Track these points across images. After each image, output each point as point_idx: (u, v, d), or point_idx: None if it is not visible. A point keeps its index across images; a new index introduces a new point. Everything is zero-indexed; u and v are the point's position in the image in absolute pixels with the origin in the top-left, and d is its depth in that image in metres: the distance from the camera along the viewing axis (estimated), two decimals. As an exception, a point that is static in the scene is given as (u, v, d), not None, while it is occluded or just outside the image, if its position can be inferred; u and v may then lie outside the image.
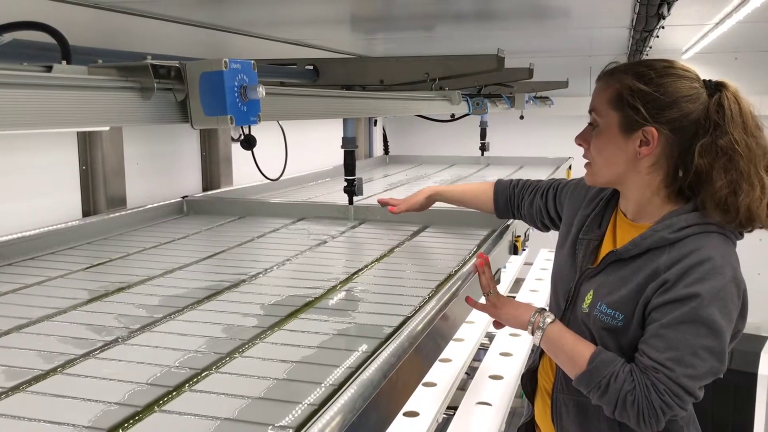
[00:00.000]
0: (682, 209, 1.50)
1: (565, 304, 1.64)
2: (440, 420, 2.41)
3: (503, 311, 1.67)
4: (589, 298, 1.56)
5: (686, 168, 1.48)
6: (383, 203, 2.45)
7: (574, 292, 1.62)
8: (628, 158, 1.51)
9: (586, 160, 1.61)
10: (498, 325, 1.75)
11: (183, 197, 2.93)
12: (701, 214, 1.46)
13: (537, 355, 1.79)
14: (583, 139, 1.60)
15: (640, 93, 1.47)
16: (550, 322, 1.56)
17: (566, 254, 1.70)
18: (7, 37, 1.25)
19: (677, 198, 1.52)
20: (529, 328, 1.59)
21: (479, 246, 2.18)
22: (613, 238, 1.63)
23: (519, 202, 2.06)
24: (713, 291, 1.39)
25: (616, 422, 1.50)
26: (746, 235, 1.52)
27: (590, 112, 1.57)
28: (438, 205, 3.06)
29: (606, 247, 1.62)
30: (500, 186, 2.13)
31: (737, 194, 1.42)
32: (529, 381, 1.81)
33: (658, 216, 1.53)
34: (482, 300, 1.74)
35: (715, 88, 1.51)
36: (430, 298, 1.67)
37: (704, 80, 1.53)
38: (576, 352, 1.50)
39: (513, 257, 2.80)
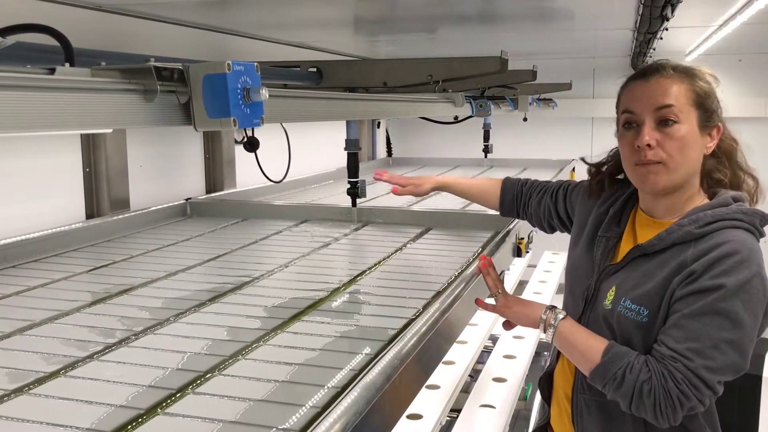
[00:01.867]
0: (707, 205, 1.51)
1: (584, 302, 1.63)
2: (444, 423, 2.41)
3: (513, 310, 1.67)
4: (611, 295, 1.55)
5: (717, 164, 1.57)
6: (382, 178, 2.21)
7: (595, 289, 1.61)
8: (700, 155, 1.53)
9: (654, 161, 1.49)
10: (508, 325, 1.74)
11: (186, 199, 2.94)
12: (729, 208, 1.49)
13: (554, 357, 1.77)
14: (654, 138, 1.49)
15: (711, 89, 1.53)
16: (562, 318, 1.55)
17: (582, 252, 1.69)
18: (11, 39, 1.25)
19: (704, 196, 1.57)
20: (541, 325, 1.58)
21: (483, 248, 2.18)
22: (633, 235, 1.62)
23: (526, 201, 2.03)
24: (738, 284, 1.39)
25: (641, 423, 1.49)
26: None
27: (659, 108, 1.49)
28: (442, 206, 3.07)
29: (626, 245, 1.62)
30: (508, 183, 2.10)
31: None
32: (546, 384, 1.80)
33: (683, 212, 1.54)
34: (490, 300, 1.73)
35: None
36: (433, 300, 1.67)
37: None
38: (589, 346, 1.49)
39: (516, 260, 2.79)
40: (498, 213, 2.13)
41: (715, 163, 1.58)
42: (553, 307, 1.59)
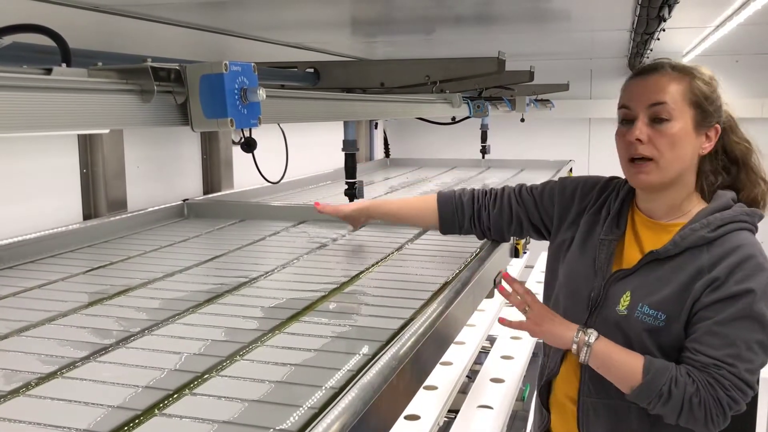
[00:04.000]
0: (713, 207, 1.54)
1: (588, 306, 1.62)
2: (441, 423, 2.41)
3: (543, 328, 1.62)
4: (626, 300, 1.55)
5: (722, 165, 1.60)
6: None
7: (602, 294, 1.60)
8: (693, 155, 1.54)
9: (644, 157, 1.52)
10: (507, 322, 1.71)
11: (183, 200, 2.93)
12: (733, 210, 1.52)
13: (557, 364, 1.74)
14: (642, 134, 1.51)
15: (710, 89, 1.54)
16: (596, 339, 1.54)
17: (579, 256, 1.68)
18: (7, 39, 1.25)
19: (700, 196, 1.59)
20: (574, 347, 1.56)
21: (480, 248, 2.18)
22: (636, 237, 1.63)
23: (476, 213, 1.92)
24: (762, 286, 1.44)
25: (648, 422, 1.51)
26: None
27: (652, 105, 1.51)
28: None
29: (630, 248, 1.62)
30: (444, 197, 1.97)
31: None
32: (545, 390, 1.79)
33: (683, 213, 1.57)
34: (514, 315, 1.70)
35: None
36: (430, 301, 1.66)
37: None
38: (627, 365, 1.49)
39: (514, 260, 2.79)
40: (438, 231, 2.01)
41: (714, 166, 1.60)
42: (584, 328, 1.57)
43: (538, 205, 1.84)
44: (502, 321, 1.74)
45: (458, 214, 1.94)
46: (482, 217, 1.92)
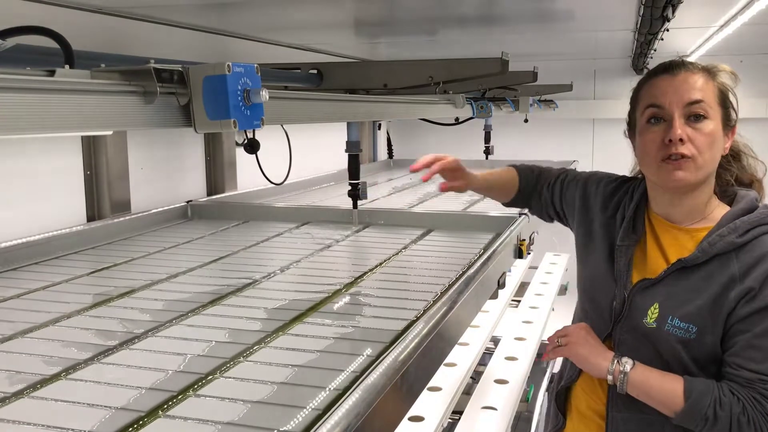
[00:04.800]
0: (737, 210, 1.50)
1: (612, 316, 1.58)
2: (445, 425, 2.40)
3: (579, 351, 1.58)
4: (654, 312, 1.50)
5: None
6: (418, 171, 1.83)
7: (627, 303, 1.55)
8: (720, 154, 1.52)
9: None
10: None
11: (187, 202, 2.94)
12: (759, 212, 1.49)
13: (575, 372, 1.71)
14: (686, 133, 1.46)
15: (732, 93, 1.53)
16: (632, 368, 1.49)
17: (600, 262, 1.64)
18: (11, 41, 1.25)
19: (715, 196, 1.56)
20: (609, 377, 1.52)
21: (485, 249, 2.18)
22: (658, 244, 1.58)
23: (538, 194, 1.91)
24: None
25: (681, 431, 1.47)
26: None
27: (690, 104, 1.47)
28: (443, 208, 3.06)
29: (653, 254, 1.57)
30: (524, 172, 1.94)
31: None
32: (563, 396, 1.76)
33: (704, 217, 1.53)
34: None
35: None
36: (435, 302, 1.66)
37: None
38: (667, 390, 1.45)
39: (518, 261, 2.79)
40: (504, 203, 1.98)
41: (724, 163, 1.57)
42: (620, 357, 1.52)
43: (563, 195, 1.83)
44: (544, 357, 1.75)
45: (532, 191, 1.91)
46: (540, 198, 1.90)
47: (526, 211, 2.64)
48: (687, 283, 1.47)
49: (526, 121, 4.87)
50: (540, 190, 1.89)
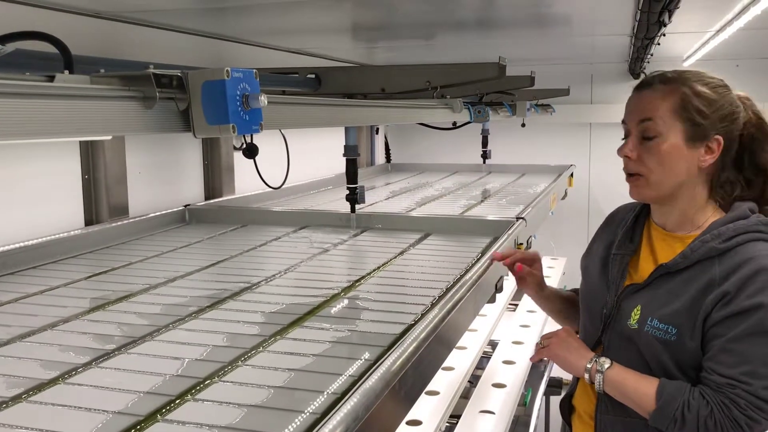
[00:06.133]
0: (726, 218, 1.49)
1: (602, 321, 1.61)
2: (443, 429, 2.40)
3: (559, 353, 1.63)
4: (636, 314, 1.52)
5: (742, 177, 1.53)
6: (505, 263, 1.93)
7: (615, 308, 1.58)
8: (691, 168, 1.50)
9: (635, 173, 1.54)
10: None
11: (185, 206, 2.94)
12: (749, 220, 1.47)
13: (575, 380, 1.75)
14: (631, 151, 1.53)
15: (707, 101, 1.48)
16: (608, 367, 1.53)
17: (595, 272, 1.67)
18: (10, 46, 1.25)
19: (717, 207, 1.54)
20: (586, 376, 1.56)
21: (482, 253, 2.18)
22: (651, 251, 1.60)
23: None
24: None
25: None
26: None
27: (641, 122, 1.51)
28: (441, 212, 3.07)
29: (645, 261, 1.60)
30: None
31: None
32: (566, 405, 1.78)
33: (697, 226, 1.53)
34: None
35: (742, 102, 1.55)
36: (433, 306, 1.66)
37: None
38: (641, 391, 1.47)
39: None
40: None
41: (735, 177, 1.53)
42: (598, 357, 1.56)
43: None
44: (533, 359, 1.79)
45: None
46: None
47: (523, 215, 2.66)
48: (669, 286, 1.50)
49: (523, 125, 4.87)
50: None
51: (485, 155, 4.80)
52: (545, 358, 1.74)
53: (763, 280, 1.39)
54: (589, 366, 1.55)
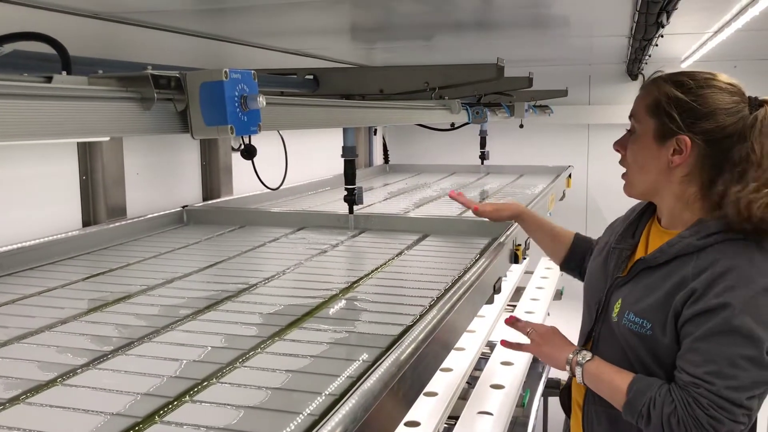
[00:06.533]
0: (711, 216, 1.48)
1: (596, 314, 1.63)
2: (441, 430, 2.40)
3: (543, 349, 1.68)
4: (617, 307, 1.55)
5: (722, 180, 1.46)
6: (458, 199, 2.23)
7: (605, 301, 1.61)
8: (660, 167, 1.51)
9: (623, 169, 1.62)
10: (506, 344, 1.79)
11: (183, 207, 2.93)
12: (730, 219, 1.44)
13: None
14: (620, 145, 1.60)
15: (676, 101, 1.47)
16: (588, 360, 1.56)
17: (598, 265, 1.69)
18: (8, 47, 1.25)
19: (713, 210, 1.48)
20: (567, 368, 1.60)
21: (480, 254, 2.18)
22: (646, 246, 1.62)
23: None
24: (744, 299, 1.36)
25: None
26: None
27: (630, 117, 1.59)
28: (439, 213, 3.07)
29: (639, 256, 1.62)
30: (580, 239, 1.99)
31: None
32: (565, 395, 1.81)
33: (688, 222, 1.53)
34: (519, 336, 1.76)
35: (759, 104, 1.49)
36: (431, 307, 1.66)
37: (750, 97, 1.51)
38: (614, 385, 1.49)
39: (514, 266, 2.79)
40: (557, 263, 2.04)
41: (726, 179, 1.46)
42: (580, 350, 1.60)
43: None
44: (503, 343, 1.82)
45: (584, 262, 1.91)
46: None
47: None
48: (648, 281, 1.51)
49: (521, 126, 4.87)
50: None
51: (483, 156, 4.80)
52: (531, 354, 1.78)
53: (733, 279, 1.38)
54: (570, 357, 1.58)
